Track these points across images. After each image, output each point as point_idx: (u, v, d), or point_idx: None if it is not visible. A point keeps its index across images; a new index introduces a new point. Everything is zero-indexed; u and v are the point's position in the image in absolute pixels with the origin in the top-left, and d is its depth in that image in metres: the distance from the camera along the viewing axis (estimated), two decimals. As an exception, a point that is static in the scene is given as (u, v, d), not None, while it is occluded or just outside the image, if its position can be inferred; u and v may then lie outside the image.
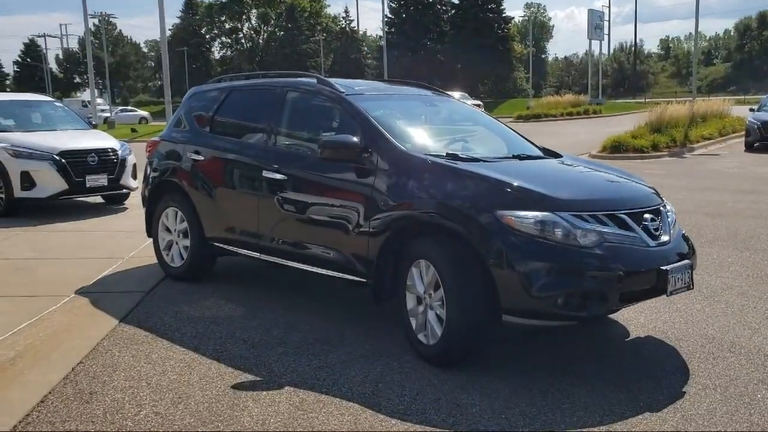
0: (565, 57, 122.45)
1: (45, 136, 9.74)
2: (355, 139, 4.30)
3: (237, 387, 3.62)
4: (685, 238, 4.16)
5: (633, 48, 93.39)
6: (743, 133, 20.61)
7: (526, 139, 5.25)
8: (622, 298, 3.63)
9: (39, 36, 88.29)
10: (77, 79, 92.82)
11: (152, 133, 32.63)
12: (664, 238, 3.89)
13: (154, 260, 6.13)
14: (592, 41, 51.99)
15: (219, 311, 4.95)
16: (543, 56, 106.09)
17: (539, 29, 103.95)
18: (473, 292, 3.67)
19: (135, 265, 6.39)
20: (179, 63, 72.49)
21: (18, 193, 9.04)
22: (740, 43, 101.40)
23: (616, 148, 17.96)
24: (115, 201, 10.24)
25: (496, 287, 3.59)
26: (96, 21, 67.14)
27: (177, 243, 5.77)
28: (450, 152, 4.33)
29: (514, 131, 5.35)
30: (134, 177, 9.98)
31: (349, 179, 4.33)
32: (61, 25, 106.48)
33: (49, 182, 9.10)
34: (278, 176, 4.77)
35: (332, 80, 4.96)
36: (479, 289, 3.67)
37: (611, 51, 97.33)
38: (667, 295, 3.75)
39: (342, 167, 4.36)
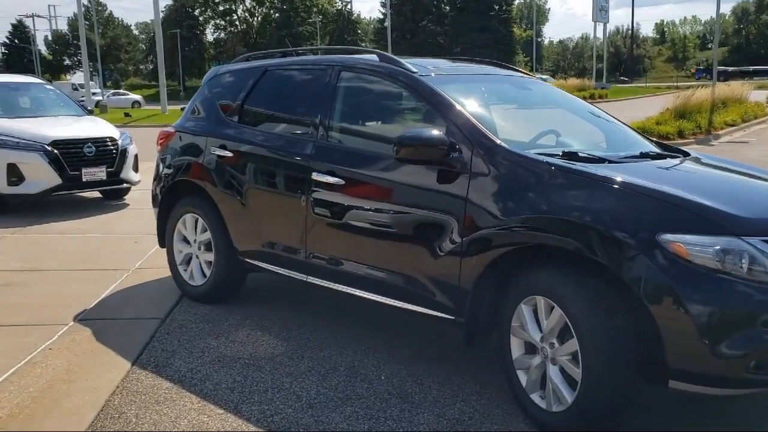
0: (560, 41, 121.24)
1: (35, 123, 8.56)
2: (441, 134, 3.30)
3: (304, 479, 2.64)
4: None
5: (630, 32, 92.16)
6: (766, 119, 19.66)
7: (633, 129, 4.26)
8: (830, 353, 2.66)
9: (27, 16, 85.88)
10: (67, 62, 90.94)
11: (146, 117, 31.33)
12: None
13: (167, 272, 5.12)
14: (597, 24, 50.86)
15: (257, 348, 3.94)
16: (539, 40, 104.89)
17: (535, 12, 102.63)
18: (624, 347, 2.69)
19: (144, 279, 5.37)
20: (172, 45, 70.75)
21: (4, 188, 7.92)
22: (737, 27, 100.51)
23: (641, 136, 16.99)
24: (114, 196, 9.11)
25: (660, 342, 2.61)
26: (86, 2, 65.39)
27: (198, 257, 4.74)
28: (567, 150, 3.34)
29: (616, 119, 4.34)
30: (136, 170, 8.90)
31: (432, 186, 3.32)
32: (49, 6, 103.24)
33: (40, 176, 7.98)
34: (333, 180, 3.75)
35: (399, 58, 3.93)
36: (632, 343, 2.70)
37: (608, 35, 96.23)
38: None
39: (421, 170, 3.35)
